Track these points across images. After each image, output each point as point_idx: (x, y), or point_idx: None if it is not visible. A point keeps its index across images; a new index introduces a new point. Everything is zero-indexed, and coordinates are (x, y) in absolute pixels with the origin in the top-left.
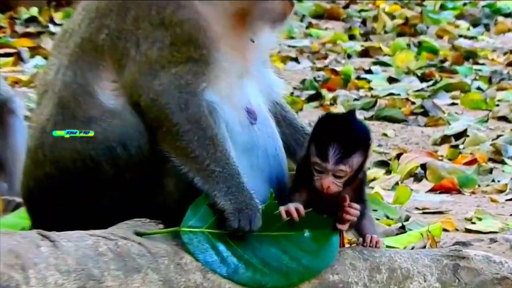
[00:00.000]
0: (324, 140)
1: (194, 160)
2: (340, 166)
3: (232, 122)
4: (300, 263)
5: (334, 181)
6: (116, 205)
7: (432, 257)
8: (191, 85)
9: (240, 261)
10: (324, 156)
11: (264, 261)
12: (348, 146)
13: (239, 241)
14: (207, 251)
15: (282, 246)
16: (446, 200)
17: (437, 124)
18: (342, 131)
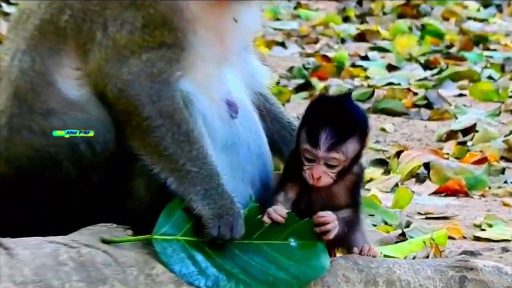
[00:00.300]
0: (315, 123)
1: (167, 159)
2: (333, 153)
3: (210, 115)
4: (288, 273)
5: (326, 171)
6: (79, 209)
7: (436, 268)
8: (164, 73)
9: (220, 272)
10: (314, 142)
11: (248, 271)
12: (342, 130)
13: (218, 250)
14: (183, 261)
15: (267, 255)
16: (452, 204)
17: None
18: (336, 113)
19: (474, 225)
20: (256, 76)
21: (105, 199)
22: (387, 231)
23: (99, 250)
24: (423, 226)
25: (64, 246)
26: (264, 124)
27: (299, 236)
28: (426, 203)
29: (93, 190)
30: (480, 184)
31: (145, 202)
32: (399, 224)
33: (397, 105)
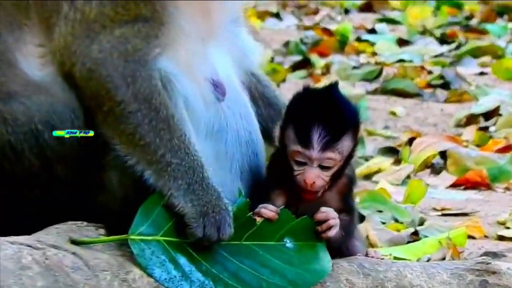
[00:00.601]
0: (304, 121)
1: (144, 149)
2: (328, 153)
3: (193, 98)
4: (283, 277)
5: (320, 174)
6: (43, 205)
7: (453, 272)
8: (140, 51)
9: (206, 277)
10: (306, 142)
11: (238, 276)
12: (336, 126)
13: (204, 251)
14: (164, 264)
15: (259, 258)
16: (472, 198)
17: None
18: (326, 108)
19: (497, 223)
20: (247, 53)
21: (74, 195)
22: (398, 230)
23: (67, 252)
24: (439, 224)
25: (27, 247)
26: (256, 109)
27: (295, 236)
28: (442, 197)
29: (59, 184)
30: (504, 175)
31: (118, 197)
32: (411, 222)
33: (409, 85)
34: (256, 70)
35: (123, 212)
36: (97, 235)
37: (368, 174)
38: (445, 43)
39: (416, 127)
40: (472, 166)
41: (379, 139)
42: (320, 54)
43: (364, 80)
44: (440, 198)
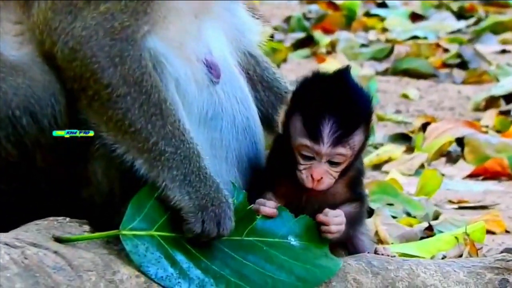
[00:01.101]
0: (314, 112)
1: (134, 136)
2: (339, 149)
3: (185, 81)
4: (291, 274)
5: (329, 170)
6: (22, 199)
7: (471, 270)
8: (127, 28)
9: (206, 274)
10: (316, 135)
11: (241, 272)
12: (349, 119)
13: (203, 247)
14: (159, 261)
15: (264, 254)
16: (492, 189)
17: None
18: (338, 98)
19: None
20: (244, 31)
21: (55, 187)
22: (410, 224)
23: (48, 251)
24: (455, 218)
25: (5, 245)
26: (254, 92)
27: (298, 236)
28: (459, 188)
29: (39, 175)
30: None
31: (104, 190)
32: (425, 216)
33: (423, 65)
34: (255, 50)
35: (109, 207)
36: (81, 232)
37: (378, 164)
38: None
39: (430, 111)
40: (492, 154)
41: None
42: (324, 31)
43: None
44: (456, 189)
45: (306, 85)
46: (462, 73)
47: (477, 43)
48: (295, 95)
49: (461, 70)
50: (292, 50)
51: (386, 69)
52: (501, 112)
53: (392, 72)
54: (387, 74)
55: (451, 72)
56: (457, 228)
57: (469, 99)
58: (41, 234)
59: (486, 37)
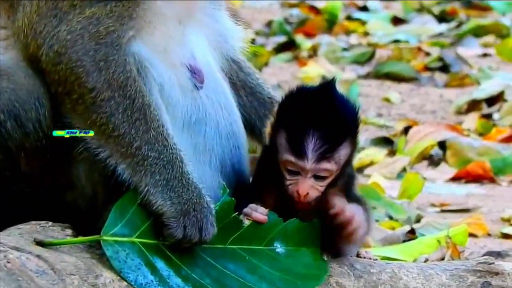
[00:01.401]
0: (298, 128)
1: (117, 140)
2: (324, 164)
3: (169, 85)
4: (272, 285)
5: (314, 185)
6: (5, 204)
7: (453, 273)
8: (113, 33)
9: (186, 283)
10: (300, 152)
11: (221, 282)
12: (334, 134)
13: (184, 255)
14: (139, 268)
15: (246, 263)
16: (474, 192)
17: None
18: (322, 113)
19: (501, 219)
20: (227, 37)
21: (38, 192)
22: (392, 228)
23: (31, 255)
24: (437, 221)
25: None
26: (238, 98)
27: (285, 240)
28: (441, 192)
29: (22, 180)
30: (509, 167)
31: (87, 195)
32: (407, 219)
33: (405, 69)
34: (237, 56)
35: (92, 211)
36: (64, 236)
37: (360, 167)
38: (444, 21)
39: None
40: (474, 157)
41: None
42: (306, 35)
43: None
44: (438, 193)
45: (290, 100)
46: (444, 76)
47: (458, 47)
48: (280, 109)
49: (443, 73)
50: (274, 54)
51: (368, 73)
52: (483, 115)
53: (374, 75)
54: (369, 78)
55: (433, 76)
56: (439, 231)
57: (451, 102)
58: (23, 238)
59: (468, 41)
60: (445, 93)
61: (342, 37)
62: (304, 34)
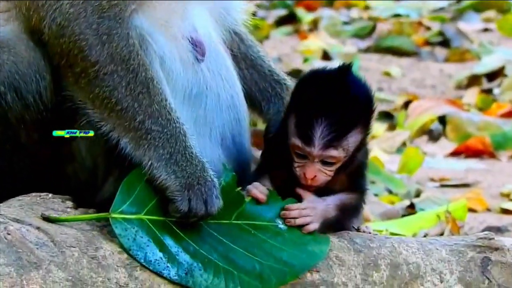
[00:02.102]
0: (307, 114)
1: (121, 114)
2: (331, 151)
3: (170, 58)
4: (279, 259)
5: (322, 169)
6: (6, 175)
7: (453, 248)
8: (115, 6)
9: (194, 259)
10: (307, 138)
11: (229, 257)
12: (342, 122)
13: (191, 231)
14: (148, 245)
15: (252, 238)
16: (474, 167)
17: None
18: (333, 100)
19: (501, 195)
20: (229, 9)
21: (39, 164)
22: (392, 202)
23: (31, 227)
24: (437, 196)
25: None
26: (239, 71)
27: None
28: (441, 166)
29: (23, 152)
30: (510, 142)
31: (87, 167)
32: (407, 193)
33: (405, 43)
34: (239, 28)
35: (92, 183)
36: (64, 208)
37: None
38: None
39: (412, 89)
40: (474, 132)
41: None
42: (307, 8)
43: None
44: (438, 167)
45: (304, 83)
46: (444, 51)
47: (459, 21)
48: (294, 92)
49: (444, 48)
50: (275, 27)
51: (368, 47)
52: (483, 90)
53: (375, 49)
54: (369, 51)
55: (433, 50)
56: (439, 206)
57: (451, 77)
58: (23, 210)
59: (469, 16)
60: (446, 68)
61: (343, 11)
62: (305, 8)
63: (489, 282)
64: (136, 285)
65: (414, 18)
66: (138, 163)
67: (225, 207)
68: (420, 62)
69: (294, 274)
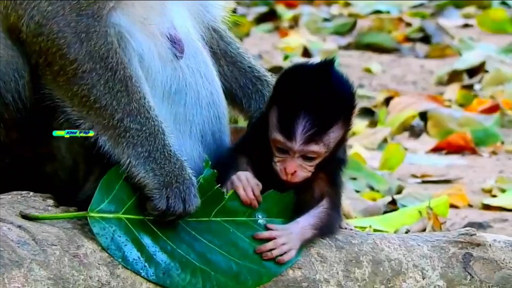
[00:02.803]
0: (289, 108)
1: (99, 112)
2: (312, 147)
3: (149, 56)
4: (256, 261)
5: (303, 165)
6: None
7: (434, 245)
8: (94, 4)
9: (172, 259)
10: (288, 133)
11: (206, 257)
12: (324, 117)
13: (169, 230)
14: (126, 245)
15: (230, 236)
16: (455, 163)
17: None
18: (315, 94)
19: (482, 190)
20: (208, 6)
21: (19, 163)
22: (374, 199)
23: (12, 225)
24: (418, 192)
25: None
26: (218, 68)
27: (266, 211)
28: (422, 163)
29: (3, 151)
30: (490, 138)
31: (68, 166)
32: (388, 190)
33: (386, 39)
34: (218, 25)
35: (72, 182)
36: (45, 206)
37: None
38: None
39: (393, 85)
40: (455, 128)
41: None
42: (287, 5)
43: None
44: (419, 163)
45: (286, 77)
46: (425, 47)
47: (440, 17)
48: (276, 86)
49: (424, 44)
50: (255, 24)
51: (349, 43)
52: (464, 86)
53: (355, 46)
54: (350, 48)
55: (414, 46)
56: (421, 202)
57: (432, 73)
58: (4, 209)
59: (449, 11)
60: (426, 64)
61: (323, 8)
62: (285, 5)
63: (471, 278)
64: (117, 284)
65: (394, 15)
66: (117, 161)
67: (204, 204)
68: (400, 58)
69: (270, 276)
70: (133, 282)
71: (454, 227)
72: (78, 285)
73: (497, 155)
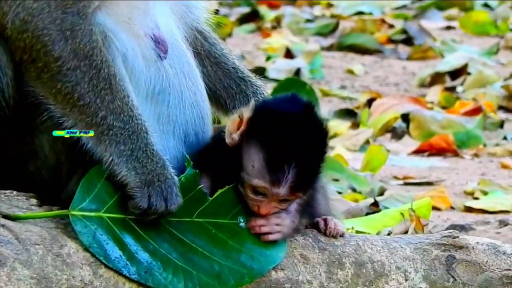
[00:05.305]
0: (279, 157)
1: (82, 109)
2: (296, 193)
3: (132, 56)
4: (237, 261)
5: (277, 206)
6: None
7: (417, 247)
8: (79, 2)
9: (154, 258)
10: (276, 180)
11: (188, 257)
12: (313, 167)
13: (151, 229)
14: (108, 243)
15: (212, 237)
16: (437, 165)
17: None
18: (306, 145)
19: (465, 193)
20: (191, 7)
21: (1, 161)
22: (356, 200)
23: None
24: (400, 194)
25: None
26: (202, 68)
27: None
28: (404, 164)
29: None
30: (473, 140)
31: (51, 164)
32: (370, 191)
33: (368, 41)
34: (202, 26)
35: (56, 180)
36: (28, 206)
37: None
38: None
39: (375, 87)
40: (437, 130)
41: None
42: (270, 6)
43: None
44: (402, 165)
45: (269, 125)
46: (407, 49)
47: (422, 19)
48: (256, 122)
49: (406, 46)
50: (237, 24)
51: (331, 44)
52: (446, 88)
53: (337, 47)
54: (332, 49)
55: (396, 48)
56: (403, 204)
57: (414, 75)
58: None
59: (431, 13)
60: (409, 66)
61: (305, 9)
62: (267, 5)
63: (453, 281)
64: (100, 283)
65: (376, 16)
66: (99, 159)
67: (187, 204)
68: (383, 60)
69: (251, 277)
70: (116, 282)
71: (436, 229)
72: (61, 285)
73: (479, 158)
